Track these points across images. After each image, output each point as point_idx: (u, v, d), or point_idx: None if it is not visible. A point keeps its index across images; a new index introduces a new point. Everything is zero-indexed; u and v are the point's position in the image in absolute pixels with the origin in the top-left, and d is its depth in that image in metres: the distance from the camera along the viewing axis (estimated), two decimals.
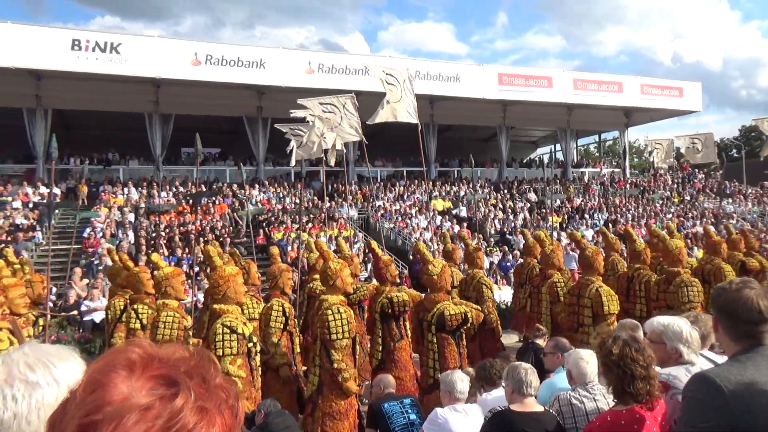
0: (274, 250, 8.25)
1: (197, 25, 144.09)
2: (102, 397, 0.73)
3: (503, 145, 27.59)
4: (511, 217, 21.88)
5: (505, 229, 20.26)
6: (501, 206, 23.00)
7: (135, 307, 6.38)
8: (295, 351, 6.26)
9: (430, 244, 16.07)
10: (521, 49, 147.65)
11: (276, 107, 22.90)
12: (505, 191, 25.42)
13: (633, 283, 7.74)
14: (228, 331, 4.69)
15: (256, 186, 21.94)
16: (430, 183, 24.94)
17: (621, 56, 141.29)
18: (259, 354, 5.12)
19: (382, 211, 21.03)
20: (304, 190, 22.88)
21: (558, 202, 23.74)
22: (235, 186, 21.63)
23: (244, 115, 23.01)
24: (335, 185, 23.29)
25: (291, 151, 10.64)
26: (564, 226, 20.87)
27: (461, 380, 3.90)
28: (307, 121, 9.88)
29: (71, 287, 11.85)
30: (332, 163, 11.69)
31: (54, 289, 12.68)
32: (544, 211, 22.97)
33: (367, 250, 8.56)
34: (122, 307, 7.15)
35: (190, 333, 6.08)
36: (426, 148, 26.33)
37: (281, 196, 21.61)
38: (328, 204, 20.60)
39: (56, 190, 19.46)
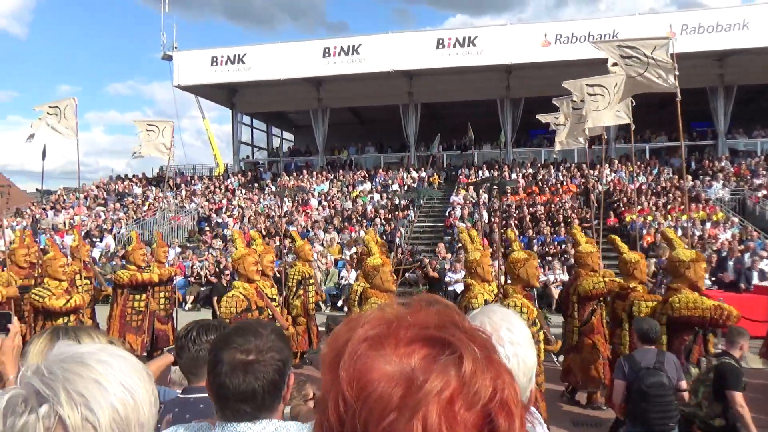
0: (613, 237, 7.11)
1: (539, 8, 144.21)
2: (376, 392, 0.56)
3: None
4: None
5: None
6: None
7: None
8: None
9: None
10: None
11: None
12: None
13: None
14: None
15: (606, 165, 20.86)
16: None
17: None
18: None
19: (764, 191, 17.53)
20: (662, 168, 20.79)
21: None
22: (584, 166, 21.03)
23: None
24: (701, 161, 20.48)
25: None
26: None
27: None
28: None
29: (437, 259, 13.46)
30: None
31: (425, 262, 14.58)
32: None
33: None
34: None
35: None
36: None
37: (635, 174, 20.05)
38: (690, 183, 18.22)
39: (423, 175, 22.29)
